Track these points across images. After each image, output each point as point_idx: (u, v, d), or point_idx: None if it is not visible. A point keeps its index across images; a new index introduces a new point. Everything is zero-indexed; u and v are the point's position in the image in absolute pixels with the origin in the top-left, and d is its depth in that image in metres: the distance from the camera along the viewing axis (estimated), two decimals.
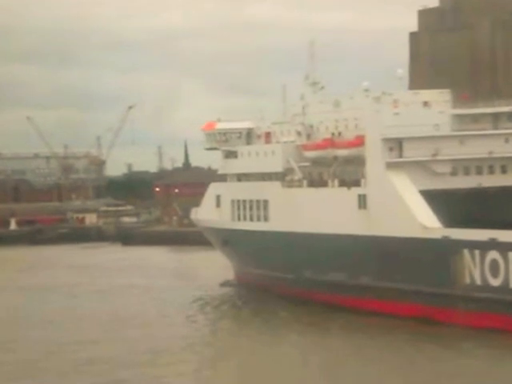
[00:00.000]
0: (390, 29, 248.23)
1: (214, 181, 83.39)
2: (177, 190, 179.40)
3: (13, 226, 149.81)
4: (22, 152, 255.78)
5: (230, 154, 78.65)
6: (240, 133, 78.78)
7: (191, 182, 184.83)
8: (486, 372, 46.00)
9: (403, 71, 69.41)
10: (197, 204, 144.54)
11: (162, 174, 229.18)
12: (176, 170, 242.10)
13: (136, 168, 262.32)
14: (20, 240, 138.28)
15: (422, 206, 59.65)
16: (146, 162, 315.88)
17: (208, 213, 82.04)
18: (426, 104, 65.11)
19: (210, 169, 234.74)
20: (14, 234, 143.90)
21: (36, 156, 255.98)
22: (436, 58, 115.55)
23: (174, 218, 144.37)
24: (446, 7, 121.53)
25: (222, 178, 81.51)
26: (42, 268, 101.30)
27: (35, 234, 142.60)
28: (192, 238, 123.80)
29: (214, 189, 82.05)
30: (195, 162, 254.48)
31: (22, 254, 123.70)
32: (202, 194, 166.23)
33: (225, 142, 79.22)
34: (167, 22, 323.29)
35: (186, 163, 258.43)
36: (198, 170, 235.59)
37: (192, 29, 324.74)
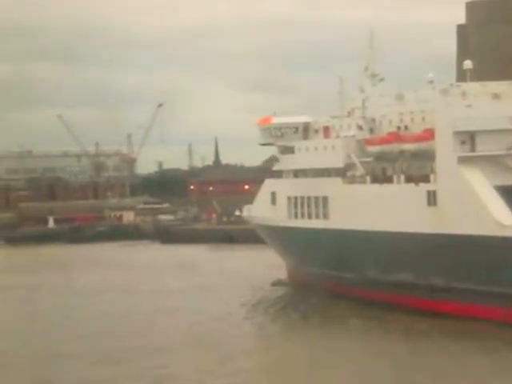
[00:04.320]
0: (411, 24, 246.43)
1: (249, 178, 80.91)
2: (211, 188, 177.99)
3: (51, 224, 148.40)
4: (53, 150, 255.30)
5: (286, 150, 76.14)
6: (296, 127, 76.20)
7: (225, 180, 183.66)
8: None
9: (470, 62, 66.35)
10: (233, 202, 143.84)
11: (194, 172, 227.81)
12: (208, 168, 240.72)
13: (166, 166, 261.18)
14: (59, 238, 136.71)
15: (498, 202, 56.75)
16: (176, 160, 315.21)
17: (262, 210, 79.56)
18: (495, 96, 62.34)
19: (242, 166, 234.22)
20: (52, 233, 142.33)
21: (66, 154, 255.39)
22: (485, 50, 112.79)
23: (213, 215, 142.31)
24: None
25: (277, 174, 78.99)
26: (92, 267, 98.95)
27: (74, 232, 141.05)
28: (233, 236, 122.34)
29: (268, 185, 79.54)
30: (225, 159, 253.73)
31: (64, 252, 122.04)
32: (236, 192, 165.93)
33: (280, 137, 76.72)
34: (186, 21, 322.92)
35: (217, 161, 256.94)
36: (230, 167, 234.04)
37: (209, 28, 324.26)
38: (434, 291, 59.38)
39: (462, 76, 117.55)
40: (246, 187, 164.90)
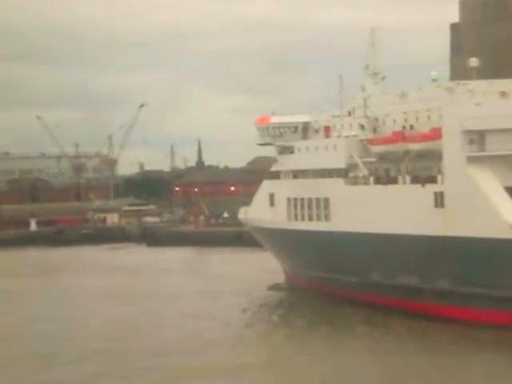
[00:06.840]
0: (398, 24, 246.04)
1: (234, 180, 79.01)
2: (197, 190, 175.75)
3: (33, 226, 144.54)
4: (31, 152, 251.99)
5: (285, 150, 74.29)
6: (296, 127, 74.32)
7: (211, 181, 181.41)
8: None
9: (476, 59, 64.77)
10: (220, 203, 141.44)
11: (178, 173, 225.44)
12: (191, 169, 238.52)
13: (147, 167, 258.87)
14: (41, 241, 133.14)
15: (508, 203, 55.27)
16: (158, 161, 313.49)
17: (260, 212, 77.61)
18: (503, 94, 60.82)
19: (226, 167, 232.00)
20: (35, 235, 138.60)
21: (44, 156, 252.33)
22: (480, 49, 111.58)
23: (201, 217, 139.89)
24: None
25: (275, 175, 77.06)
26: (81, 271, 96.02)
27: (57, 235, 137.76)
28: (222, 238, 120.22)
29: (267, 186, 77.59)
30: (207, 160, 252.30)
31: (49, 255, 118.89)
32: (222, 193, 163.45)
33: (279, 136, 74.78)
34: (169, 22, 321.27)
35: (200, 162, 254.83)
36: (214, 168, 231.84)
37: (193, 29, 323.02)
38: (440, 295, 57.77)
39: (455, 75, 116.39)
40: (232, 189, 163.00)
